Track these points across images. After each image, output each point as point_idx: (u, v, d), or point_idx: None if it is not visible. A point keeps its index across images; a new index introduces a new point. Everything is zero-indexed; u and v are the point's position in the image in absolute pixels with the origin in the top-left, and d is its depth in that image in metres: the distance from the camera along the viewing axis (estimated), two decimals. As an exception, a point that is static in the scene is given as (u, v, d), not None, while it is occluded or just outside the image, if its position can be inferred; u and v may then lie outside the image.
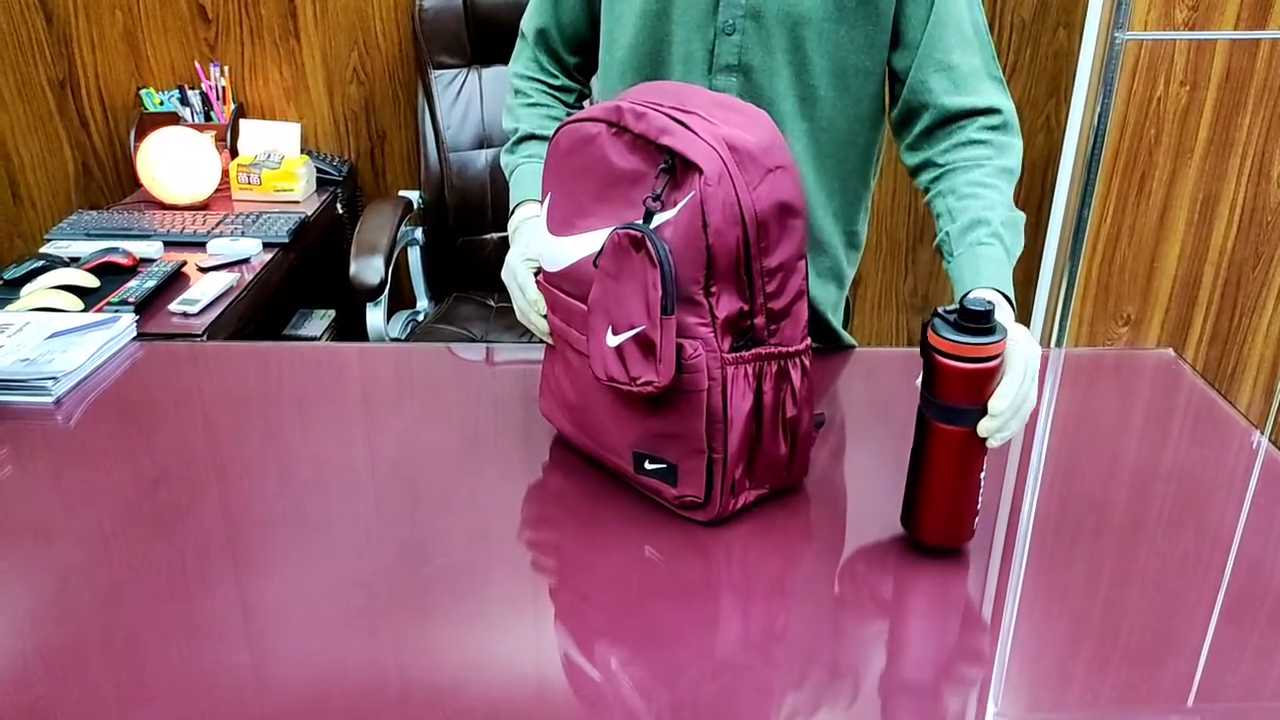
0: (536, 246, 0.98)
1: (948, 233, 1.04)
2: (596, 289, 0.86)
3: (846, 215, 1.23)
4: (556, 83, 1.29)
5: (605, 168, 0.87)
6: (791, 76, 1.11)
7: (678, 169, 0.82)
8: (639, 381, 0.84)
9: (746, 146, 0.82)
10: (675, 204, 0.82)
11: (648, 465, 0.90)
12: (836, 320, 1.28)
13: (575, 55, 1.28)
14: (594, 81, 1.31)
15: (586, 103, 1.33)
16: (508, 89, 1.32)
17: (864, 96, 1.15)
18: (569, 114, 1.30)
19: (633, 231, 0.82)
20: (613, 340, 0.85)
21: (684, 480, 0.89)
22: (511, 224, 1.20)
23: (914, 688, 0.73)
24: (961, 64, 1.09)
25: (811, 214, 1.17)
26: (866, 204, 1.27)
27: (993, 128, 1.09)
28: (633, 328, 0.84)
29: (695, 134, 0.81)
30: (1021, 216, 1.06)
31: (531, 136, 1.26)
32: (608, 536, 0.89)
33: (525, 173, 1.23)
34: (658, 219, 0.83)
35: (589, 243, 0.88)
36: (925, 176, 1.11)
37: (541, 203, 0.96)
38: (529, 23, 1.28)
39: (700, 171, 0.80)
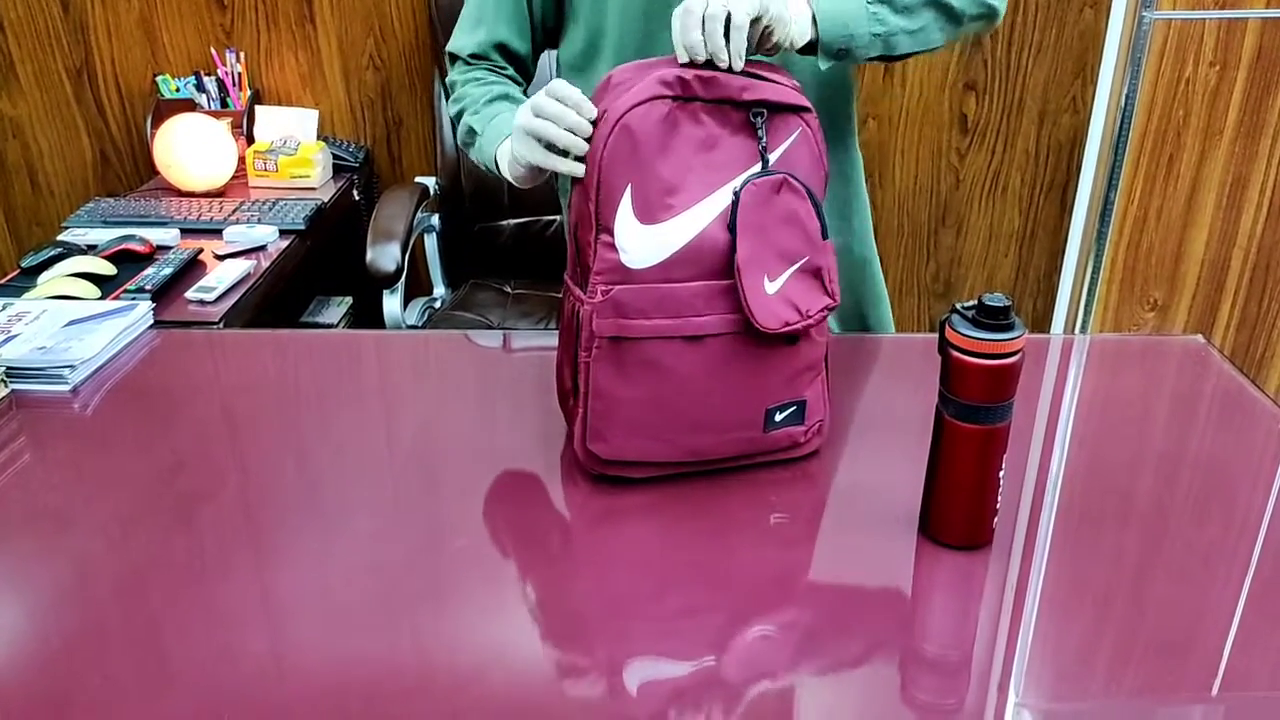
0: (624, 247, 0.87)
1: None
2: (746, 246, 0.85)
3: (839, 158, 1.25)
4: (507, 72, 1.22)
5: (686, 140, 0.87)
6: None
7: (767, 116, 0.87)
8: (815, 311, 0.88)
9: (798, 87, 0.90)
10: (778, 146, 0.88)
11: (778, 417, 0.92)
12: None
13: (510, 67, 1.22)
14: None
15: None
16: (453, 92, 1.20)
17: None
18: (526, 91, 1.21)
19: (768, 178, 0.86)
20: (772, 287, 0.86)
21: (811, 410, 0.93)
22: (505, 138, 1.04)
23: (934, 676, 0.71)
24: None
25: None
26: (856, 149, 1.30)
27: None
28: (793, 262, 0.87)
29: (772, 81, 0.87)
30: (915, 22, 1.05)
31: (506, 97, 1.15)
32: (627, 520, 0.88)
33: (507, 118, 1.09)
34: (772, 159, 0.87)
35: (702, 215, 0.86)
36: None
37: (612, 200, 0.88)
38: (463, 43, 1.20)
39: (801, 111, 0.88)
